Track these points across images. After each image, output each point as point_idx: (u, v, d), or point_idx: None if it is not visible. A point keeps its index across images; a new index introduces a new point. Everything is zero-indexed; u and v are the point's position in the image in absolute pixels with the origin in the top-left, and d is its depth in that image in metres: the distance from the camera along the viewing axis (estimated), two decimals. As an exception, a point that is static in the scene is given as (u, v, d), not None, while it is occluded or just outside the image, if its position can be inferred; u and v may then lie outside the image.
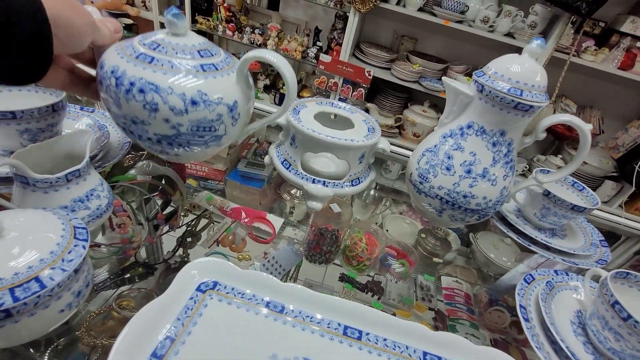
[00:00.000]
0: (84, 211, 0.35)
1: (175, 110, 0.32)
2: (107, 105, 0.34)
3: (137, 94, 0.32)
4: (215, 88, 0.34)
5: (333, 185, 0.50)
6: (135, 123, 0.33)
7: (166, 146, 0.36)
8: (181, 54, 0.34)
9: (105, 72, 0.32)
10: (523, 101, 0.41)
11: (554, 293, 0.44)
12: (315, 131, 0.46)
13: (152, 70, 0.32)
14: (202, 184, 0.87)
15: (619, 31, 1.57)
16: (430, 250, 0.80)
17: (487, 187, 0.46)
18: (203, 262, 0.37)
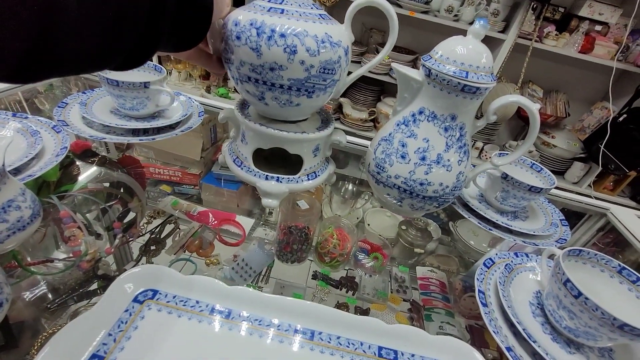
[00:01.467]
0: (1, 225, 0.32)
1: (310, 51, 0.37)
2: (242, 59, 0.38)
3: (278, 39, 0.36)
4: (335, 32, 0.39)
5: (287, 180, 0.48)
6: (272, 70, 0.38)
7: (293, 93, 0.40)
8: (304, 6, 0.39)
9: (243, 26, 0.36)
10: (469, 83, 0.40)
11: (513, 276, 0.44)
12: (263, 125, 0.45)
13: (286, 18, 0.37)
14: (177, 189, 0.83)
15: (577, 15, 1.61)
16: (411, 242, 0.80)
17: (443, 173, 0.46)
18: (139, 271, 0.34)
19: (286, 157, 0.48)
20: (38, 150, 0.44)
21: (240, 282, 0.65)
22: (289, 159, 0.50)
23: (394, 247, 0.76)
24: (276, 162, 0.52)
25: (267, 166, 0.52)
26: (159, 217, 0.78)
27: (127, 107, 0.56)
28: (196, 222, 0.77)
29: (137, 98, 0.55)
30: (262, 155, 0.49)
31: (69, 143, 0.49)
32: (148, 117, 0.61)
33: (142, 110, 0.58)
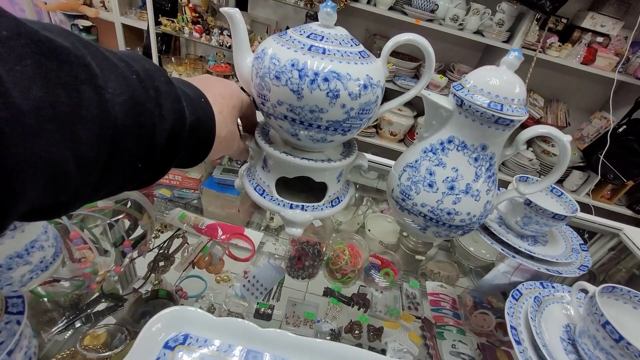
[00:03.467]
0: (24, 267, 0.30)
1: (352, 95, 0.36)
2: (280, 99, 0.36)
3: (321, 83, 0.35)
4: (374, 72, 0.38)
5: (312, 209, 0.47)
6: (312, 112, 0.36)
7: (330, 132, 0.39)
8: (344, 44, 0.38)
9: (283, 66, 0.35)
10: (504, 116, 0.40)
11: (542, 308, 0.43)
12: (288, 154, 0.43)
13: (329, 59, 0.35)
14: (176, 194, 0.82)
15: (580, 27, 1.63)
16: (412, 248, 0.79)
17: (471, 203, 0.45)
18: (169, 313, 0.33)
19: (307, 180, 0.47)
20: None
21: (252, 300, 0.64)
22: (310, 183, 0.48)
23: (395, 252, 0.76)
24: (297, 185, 0.50)
25: (288, 191, 0.50)
26: (167, 231, 0.76)
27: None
28: (205, 236, 0.75)
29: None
30: (282, 179, 0.47)
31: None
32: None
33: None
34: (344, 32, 0.40)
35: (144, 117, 0.23)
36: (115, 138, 0.21)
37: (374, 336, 0.62)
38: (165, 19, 1.85)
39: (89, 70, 0.19)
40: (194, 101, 0.30)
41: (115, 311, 0.56)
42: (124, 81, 0.22)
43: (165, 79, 0.27)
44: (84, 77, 0.19)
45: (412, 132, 1.99)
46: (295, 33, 0.38)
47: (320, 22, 0.39)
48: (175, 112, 0.26)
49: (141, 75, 0.24)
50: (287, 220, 0.45)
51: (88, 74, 0.19)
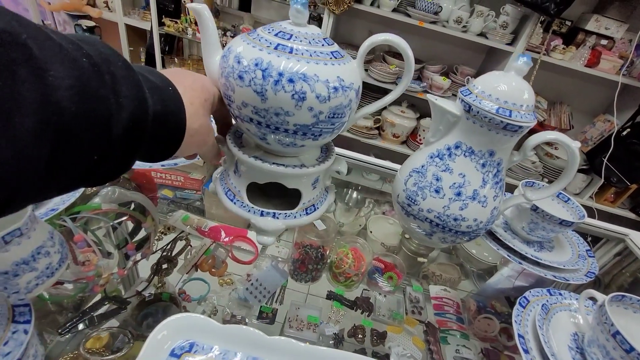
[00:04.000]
0: (30, 274, 0.30)
1: (320, 97, 0.34)
2: (245, 100, 0.34)
3: (286, 84, 0.32)
4: (347, 74, 0.36)
5: (284, 216, 0.45)
6: (278, 115, 0.34)
7: (299, 137, 0.37)
8: (314, 43, 0.35)
9: (247, 66, 0.33)
10: (512, 122, 0.39)
11: (550, 316, 0.43)
12: (258, 159, 0.41)
13: (295, 59, 0.33)
14: (179, 194, 0.82)
15: (584, 29, 1.62)
16: (414, 250, 0.79)
17: (478, 209, 0.45)
18: (175, 320, 0.32)
19: (283, 186, 0.45)
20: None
21: (255, 303, 0.63)
22: (286, 188, 0.46)
23: (396, 254, 0.76)
24: (272, 191, 0.48)
25: (262, 197, 0.48)
26: (170, 233, 0.76)
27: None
28: (208, 238, 0.75)
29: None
30: (256, 185, 0.45)
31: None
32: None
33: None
34: (316, 31, 0.38)
35: (97, 105, 0.21)
36: (61, 128, 0.19)
37: (377, 340, 0.61)
38: (168, 19, 1.85)
39: (25, 49, 0.17)
40: (160, 89, 0.28)
41: (118, 314, 0.56)
42: (72, 64, 0.19)
43: (123, 64, 0.24)
44: (19, 57, 0.17)
45: (414, 134, 1.98)
46: (264, 31, 0.36)
47: (291, 19, 0.37)
48: (136, 100, 0.24)
49: (94, 59, 0.21)
50: (257, 227, 0.43)
51: (24, 54, 0.17)
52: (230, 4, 1.99)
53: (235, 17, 1.97)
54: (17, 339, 0.22)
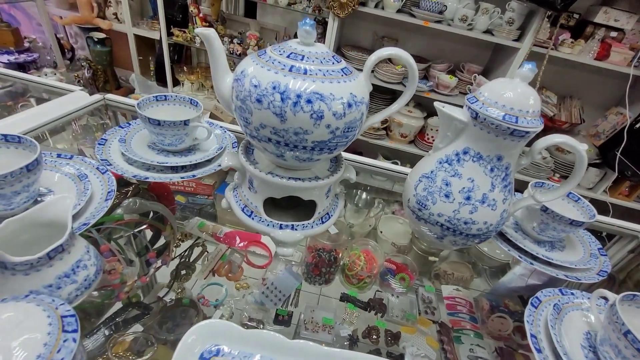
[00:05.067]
0: (71, 286, 0.32)
1: (336, 115, 0.35)
2: (263, 122, 0.36)
3: (304, 105, 0.34)
4: (358, 89, 0.38)
5: (302, 227, 0.47)
6: (297, 134, 0.36)
7: (316, 152, 0.39)
8: (325, 62, 0.37)
9: (265, 89, 0.34)
10: (519, 128, 0.40)
11: (562, 316, 0.44)
12: (275, 175, 0.42)
13: (311, 80, 0.34)
14: (191, 200, 0.84)
15: (593, 22, 1.60)
16: (425, 250, 0.80)
17: (488, 212, 0.46)
18: (203, 326, 0.35)
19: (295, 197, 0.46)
20: (89, 197, 0.45)
21: (271, 306, 0.65)
22: (299, 198, 0.48)
23: (407, 254, 0.76)
24: (285, 201, 0.50)
25: (276, 208, 0.50)
26: (186, 240, 0.78)
27: (166, 143, 0.57)
28: (223, 244, 0.77)
29: (176, 135, 0.56)
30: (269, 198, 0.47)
31: (115, 185, 0.49)
32: (184, 151, 0.61)
33: (180, 145, 0.58)
34: (324, 50, 0.39)
35: None
36: None
37: (391, 341, 0.62)
38: (177, 29, 1.89)
39: None
40: None
41: (141, 319, 0.59)
42: None
43: None
44: None
45: (422, 133, 1.98)
46: (275, 53, 0.37)
47: (299, 39, 0.38)
48: None
49: None
50: (277, 240, 0.45)
51: None
52: (236, 11, 2.02)
53: (242, 24, 2.00)
54: (68, 347, 0.25)
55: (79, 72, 2.14)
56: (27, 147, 0.42)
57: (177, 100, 0.61)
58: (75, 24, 2.18)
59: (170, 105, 0.61)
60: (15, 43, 1.96)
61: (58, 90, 0.82)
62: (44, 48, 2.17)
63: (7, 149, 0.42)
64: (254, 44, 1.84)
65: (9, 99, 0.86)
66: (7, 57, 1.90)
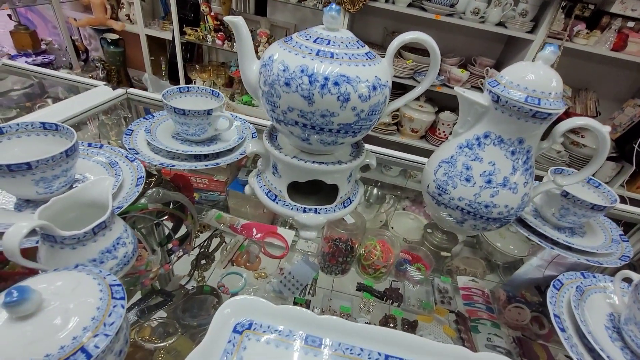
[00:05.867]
0: (112, 261, 0.34)
1: (362, 97, 0.36)
2: (291, 105, 0.37)
3: (332, 87, 0.35)
4: (382, 73, 0.38)
5: (325, 211, 0.48)
6: (324, 116, 0.37)
7: (341, 135, 0.40)
8: (350, 46, 0.38)
9: (293, 72, 0.35)
10: (541, 109, 0.41)
11: (585, 297, 0.44)
12: (300, 159, 0.43)
13: (338, 63, 0.35)
14: (204, 196, 0.86)
15: (609, 12, 1.57)
16: (437, 245, 0.80)
17: (509, 196, 0.46)
18: (236, 301, 0.36)
19: (317, 181, 0.47)
20: (121, 182, 0.46)
21: (289, 295, 0.67)
22: (320, 183, 0.48)
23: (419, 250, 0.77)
24: (307, 186, 0.50)
25: (298, 193, 0.50)
26: (205, 231, 0.80)
27: (189, 132, 0.59)
28: (241, 235, 0.79)
29: (199, 125, 0.57)
30: (292, 182, 0.48)
31: (144, 172, 0.51)
32: (207, 141, 0.63)
33: (202, 135, 0.60)
34: (349, 35, 0.40)
35: None
36: None
37: (408, 329, 0.63)
38: (189, 28, 1.92)
39: None
40: None
41: (164, 306, 0.61)
42: None
43: None
44: None
45: (433, 128, 1.97)
46: (301, 38, 0.38)
47: (325, 25, 0.39)
48: None
49: None
50: (301, 224, 0.46)
51: None
52: (247, 10, 2.05)
53: (252, 22, 2.02)
54: (117, 312, 0.26)
55: (93, 72, 2.19)
56: (63, 135, 0.44)
57: (199, 92, 0.63)
58: (89, 26, 2.23)
59: (193, 96, 0.62)
60: (33, 45, 2.02)
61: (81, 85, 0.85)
62: (60, 50, 2.22)
63: (45, 137, 0.44)
64: (265, 41, 1.86)
65: (27, 100, 0.89)
66: (25, 60, 1.96)
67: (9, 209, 0.42)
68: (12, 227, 0.27)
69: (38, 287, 0.25)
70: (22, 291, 0.23)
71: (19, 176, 0.37)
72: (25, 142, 0.43)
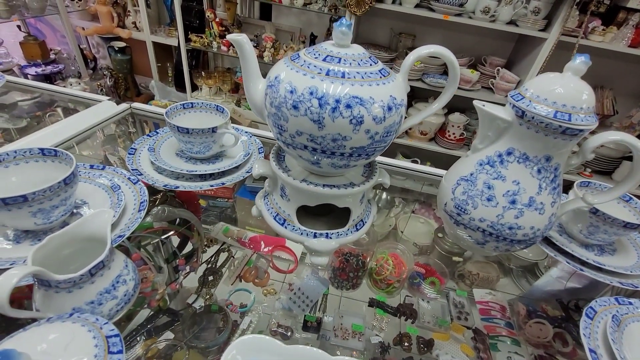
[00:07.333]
0: (111, 302, 0.32)
1: (376, 119, 0.34)
2: (300, 129, 0.34)
3: (344, 110, 0.32)
4: (397, 91, 0.36)
5: (337, 235, 0.45)
6: (335, 140, 0.34)
7: (353, 159, 0.37)
8: (363, 64, 0.35)
9: (302, 95, 0.33)
10: (572, 126, 0.37)
11: (622, 328, 0.40)
12: (309, 183, 0.40)
13: (349, 83, 0.33)
14: (211, 203, 0.84)
15: (625, 7, 1.51)
16: (448, 249, 0.77)
17: (535, 217, 0.43)
18: (242, 342, 0.34)
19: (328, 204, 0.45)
20: (123, 208, 0.45)
21: (299, 312, 0.64)
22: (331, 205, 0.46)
23: (430, 254, 0.73)
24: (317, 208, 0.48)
25: (308, 215, 0.48)
26: (212, 245, 0.78)
27: (194, 150, 0.57)
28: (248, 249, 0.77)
29: (204, 142, 0.55)
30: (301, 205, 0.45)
31: (147, 196, 0.49)
32: (212, 158, 0.61)
33: (207, 153, 0.58)
34: (361, 51, 0.37)
35: None
36: None
37: (424, 348, 0.60)
38: (194, 35, 1.91)
39: None
40: None
41: (172, 326, 0.59)
42: None
43: None
44: None
45: (442, 130, 1.93)
46: (309, 56, 0.35)
47: (335, 41, 0.36)
48: None
49: None
50: (311, 249, 0.44)
51: None
52: (252, 14, 2.03)
53: (257, 27, 2.01)
54: (114, 369, 0.24)
55: (101, 80, 2.20)
56: (62, 160, 0.42)
57: (203, 107, 0.61)
58: (97, 34, 2.25)
59: (197, 112, 0.60)
60: (43, 55, 2.04)
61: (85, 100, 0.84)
62: (69, 59, 2.24)
63: (44, 162, 0.42)
64: (270, 46, 1.84)
65: (37, 109, 0.89)
66: (35, 69, 1.98)
67: (8, 240, 0.40)
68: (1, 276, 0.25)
69: (28, 345, 0.22)
70: (8, 357, 0.20)
71: (14, 209, 0.35)
72: (23, 170, 0.41)
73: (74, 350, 0.24)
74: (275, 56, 1.87)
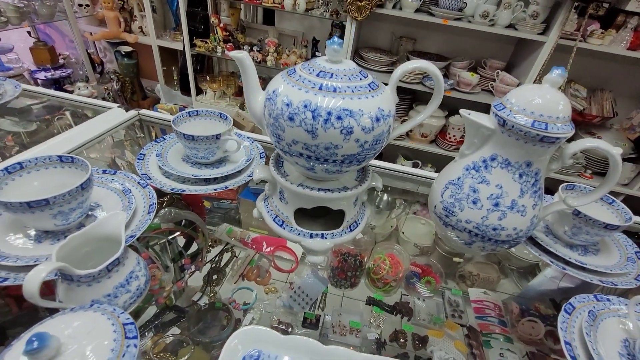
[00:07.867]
0: (126, 295, 0.36)
1: (365, 129, 0.37)
2: (295, 139, 0.37)
3: (335, 122, 0.36)
4: (385, 103, 0.39)
5: (332, 236, 0.49)
6: (327, 149, 0.38)
7: (345, 165, 0.40)
8: (353, 78, 0.38)
9: (296, 108, 0.36)
10: (549, 134, 0.40)
11: (598, 323, 0.43)
12: (305, 187, 0.44)
13: (340, 97, 0.36)
14: (216, 204, 0.87)
15: (624, 10, 1.52)
16: (449, 250, 0.79)
17: (517, 218, 0.46)
18: (244, 332, 0.37)
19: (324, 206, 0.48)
20: (133, 210, 0.48)
21: (299, 310, 0.67)
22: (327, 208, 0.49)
23: (430, 255, 0.76)
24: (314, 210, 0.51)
25: (305, 218, 0.51)
26: (216, 245, 0.82)
27: (199, 156, 0.60)
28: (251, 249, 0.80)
29: (208, 148, 0.59)
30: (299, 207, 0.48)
31: (155, 199, 0.53)
32: (216, 163, 0.64)
33: (211, 158, 0.62)
34: (352, 66, 0.40)
35: None
36: None
37: (419, 345, 0.63)
38: (199, 40, 1.95)
39: None
40: None
41: (178, 322, 0.62)
42: None
43: None
44: None
45: (443, 132, 1.95)
46: (304, 71, 0.39)
47: (327, 57, 0.40)
48: None
49: None
50: (307, 249, 0.47)
51: None
52: (255, 19, 2.07)
53: (260, 32, 2.05)
54: (131, 352, 0.28)
55: (108, 84, 2.25)
56: (79, 167, 0.46)
57: (207, 115, 0.64)
58: (104, 39, 2.30)
59: (202, 119, 0.64)
60: (52, 60, 2.09)
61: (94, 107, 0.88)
62: (77, 63, 2.30)
63: (62, 169, 0.46)
64: (273, 50, 1.88)
65: (46, 113, 0.93)
66: (44, 74, 2.04)
67: (30, 240, 0.44)
68: (32, 270, 0.29)
69: (56, 330, 0.26)
70: (41, 339, 0.24)
71: (38, 211, 0.39)
72: (44, 175, 0.45)
73: (95, 335, 0.27)
74: (278, 60, 1.90)
